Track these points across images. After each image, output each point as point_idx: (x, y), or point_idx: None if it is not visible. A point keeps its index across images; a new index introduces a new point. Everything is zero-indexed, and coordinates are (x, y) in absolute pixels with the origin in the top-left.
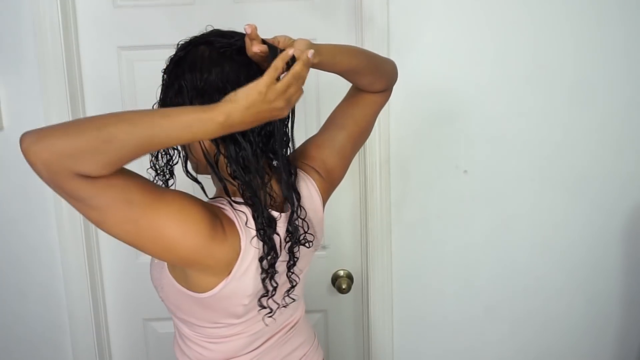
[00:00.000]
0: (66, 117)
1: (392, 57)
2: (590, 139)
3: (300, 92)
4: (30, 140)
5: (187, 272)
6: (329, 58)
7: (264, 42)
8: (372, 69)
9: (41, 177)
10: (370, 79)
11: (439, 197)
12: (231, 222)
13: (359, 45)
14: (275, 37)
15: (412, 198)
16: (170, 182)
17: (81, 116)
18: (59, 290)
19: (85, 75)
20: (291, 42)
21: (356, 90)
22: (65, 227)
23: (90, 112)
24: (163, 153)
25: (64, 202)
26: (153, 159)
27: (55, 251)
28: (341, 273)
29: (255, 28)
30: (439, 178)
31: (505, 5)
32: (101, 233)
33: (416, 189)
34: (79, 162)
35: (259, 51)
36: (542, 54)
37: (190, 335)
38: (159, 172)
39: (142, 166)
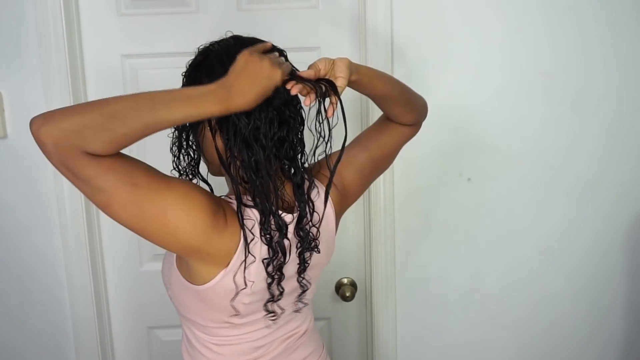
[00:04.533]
0: None
1: (396, 67)
2: (594, 146)
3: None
4: (40, 121)
5: (189, 263)
6: (366, 79)
7: (301, 78)
8: (404, 100)
9: (50, 158)
10: (401, 110)
11: (443, 205)
12: (234, 214)
13: (362, 55)
14: (315, 64)
15: (415, 206)
16: (194, 181)
17: None
18: (63, 298)
19: (89, 83)
20: (332, 64)
21: (386, 119)
22: (69, 235)
23: None
24: (185, 154)
25: (68, 210)
26: (175, 159)
27: (59, 258)
28: (345, 281)
29: (295, 84)
30: (443, 186)
31: (508, 14)
32: (105, 240)
33: (420, 196)
34: (86, 139)
35: (298, 92)
36: (545, 61)
37: (196, 337)
38: (182, 173)
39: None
